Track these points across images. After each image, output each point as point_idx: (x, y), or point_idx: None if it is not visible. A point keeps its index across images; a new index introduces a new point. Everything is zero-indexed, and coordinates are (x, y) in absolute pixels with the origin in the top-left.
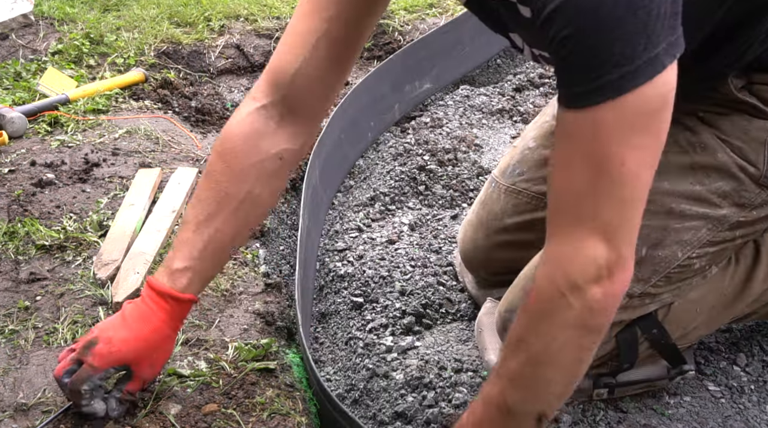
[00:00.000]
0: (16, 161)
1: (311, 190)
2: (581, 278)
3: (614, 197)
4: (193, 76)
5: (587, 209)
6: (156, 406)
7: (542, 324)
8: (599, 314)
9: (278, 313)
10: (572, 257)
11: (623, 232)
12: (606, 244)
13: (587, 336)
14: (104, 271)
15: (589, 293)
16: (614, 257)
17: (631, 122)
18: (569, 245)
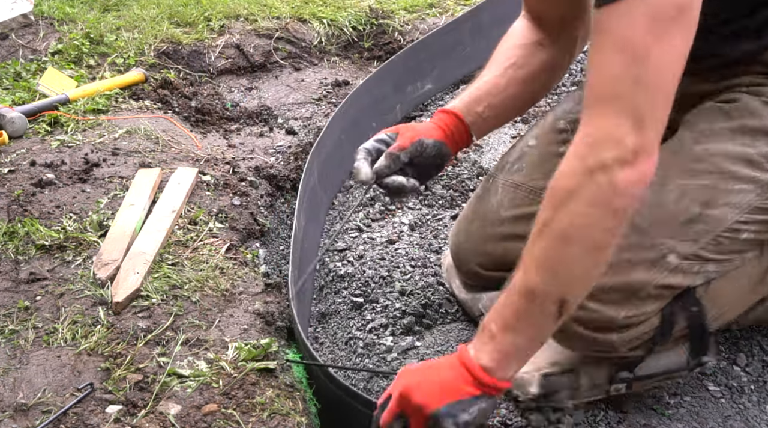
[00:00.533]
0: (16, 161)
1: (309, 191)
2: (609, 157)
3: (642, 82)
4: (193, 76)
5: (618, 91)
6: (156, 406)
7: (569, 202)
8: (623, 195)
9: (278, 313)
10: (602, 137)
11: (650, 118)
12: (634, 128)
13: (610, 218)
14: (104, 271)
15: (615, 173)
16: (640, 142)
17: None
18: (600, 127)
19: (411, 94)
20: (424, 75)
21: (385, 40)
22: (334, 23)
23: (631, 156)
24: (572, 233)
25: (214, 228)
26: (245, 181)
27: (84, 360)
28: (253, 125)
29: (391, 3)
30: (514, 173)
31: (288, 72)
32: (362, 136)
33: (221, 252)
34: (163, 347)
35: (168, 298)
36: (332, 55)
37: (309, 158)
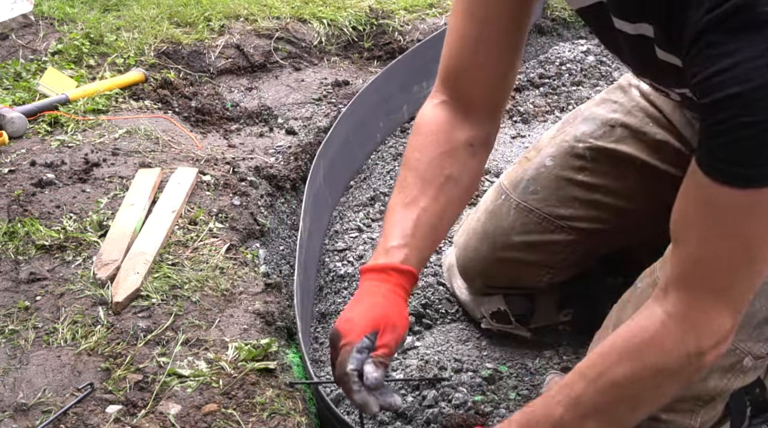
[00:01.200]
0: (16, 161)
1: (315, 191)
2: (707, 345)
3: (752, 276)
4: (193, 76)
5: (726, 282)
6: (156, 406)
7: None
8: (700, 370)
9: (278, 313)
10: (705, 324)
11: (745, 305)
12: (732, 316)
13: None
14: (104, 271)
15: (707, 357)
16: (732, 328)
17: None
18: (704, 312)
19: (417, 94)
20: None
21: (385, 40)
22: (334, 23)
23: (723, 340)
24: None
25: (214, 228)
26: (245, 181)
27: (84, 360)
28: (253, 125)
29: (391, 3)
30: (529, 195)
31: (288, 72)
32: (369, 136)
33: (221, 252)
34: (163, 347)
35: (168, 298)
36: (332, 55)
37: (316, 158)
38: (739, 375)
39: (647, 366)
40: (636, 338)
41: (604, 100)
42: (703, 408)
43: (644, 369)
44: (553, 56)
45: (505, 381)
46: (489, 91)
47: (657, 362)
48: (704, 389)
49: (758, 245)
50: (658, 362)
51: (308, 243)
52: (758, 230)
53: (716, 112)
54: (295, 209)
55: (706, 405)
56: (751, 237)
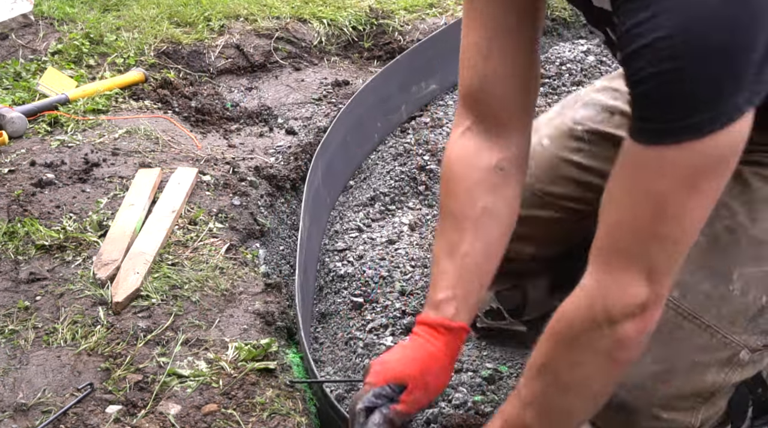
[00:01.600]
0: (16, 161)
1: (313, 191)
2: (619, 313)
3: (668, 240)
4: (193, 76)
5: (640, 248)
6: (156, 406)
7: (573, 351)
8: (627, 348)
9: (278, 313)
10: (615, 291)
11: (668, 273)
12: (649, 284)
13: (613, 369)
14: (104, 271)
15: (623, 327)
16: (653, 297)
17: (701, 166)
18: (614, 280)
19: (416, 95)
20: (429, 75)
21: (385, 40)
22: (334, 23)
23: (640, 310)
24: (574, 384)
25: (214, 228)
26: (245, 181)
27: (84, 360)
28: (253, 125)
29: (391, 3)
30: None
31: (288, 72)
32: (367, 136)
33: (221, 252)
34: (163, 347)
35: (168, 298)
36: (332, 55)
37: (314, 158)
38: (736, 369)
39: (561, 340)
40: (554, 317)
41: (605, 88)
42: (703, 405)
43: (558, 345)
44: (553, 56)
45: (505, 381)
46: (512, 104)
47: (567, 335)
48: (702, 384)
49: (670, 205)
50: (568, 334)
51: (308, 243)
52: (670, 189)
53: (629, 64)
54: (295, 209)
55: (706, 402)
56: (662, 198)
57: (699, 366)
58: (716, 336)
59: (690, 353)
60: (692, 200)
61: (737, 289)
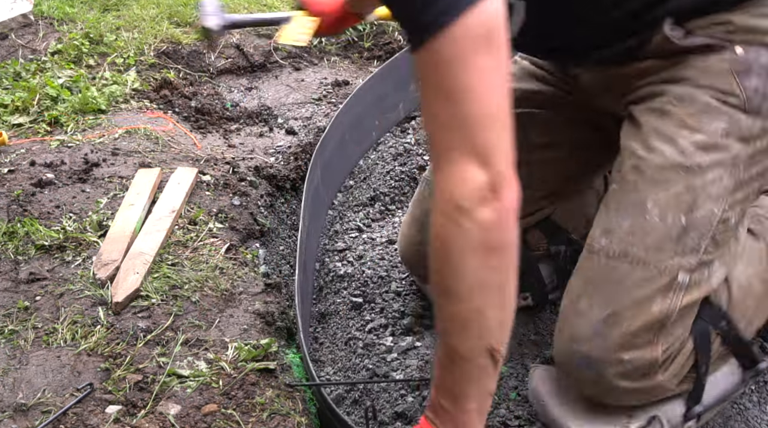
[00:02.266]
0: (15, 161)
1: (312, 191)
2: (466, 201)
3: (473, 120)
4: (193, 76)
5: (454, 136)
6: (156, 406)
7: (448, 257)
8: (496, 230)
9: (278, 313)
10: (453, 183)
11: (495, 151)
12: (481, 165)
13: (492, 255)
14: (104, 271)
15: (478, 213)
16: (493, 176)
17: (464, 49)
18: (448, 173)
19: (414, 93)
20: None
21: (385, 40)
22: None
23: (489, 192)
24: (465, 286)
25: (214, 228)
26: (245, 181)
27: (84, 360)
28: (253, 125)
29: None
30: None
31: (288, 72)
32: (365, 134)
33: (221, 252)
34: (163, 347)
35: (168, 298)
36: (332, 55)
37: (313, 158)
38: (679, 293)
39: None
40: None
41: None
42: (658, 336)
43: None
44: None
45: (505, 381)
46: None
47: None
48: (651, 315)
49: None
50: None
51: (308, 243)
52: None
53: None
54: (295, 209)
55: (659, 332)
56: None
57: (642, 299)
58: (648, 266)
59: (630, 290)
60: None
61: (655, 216)
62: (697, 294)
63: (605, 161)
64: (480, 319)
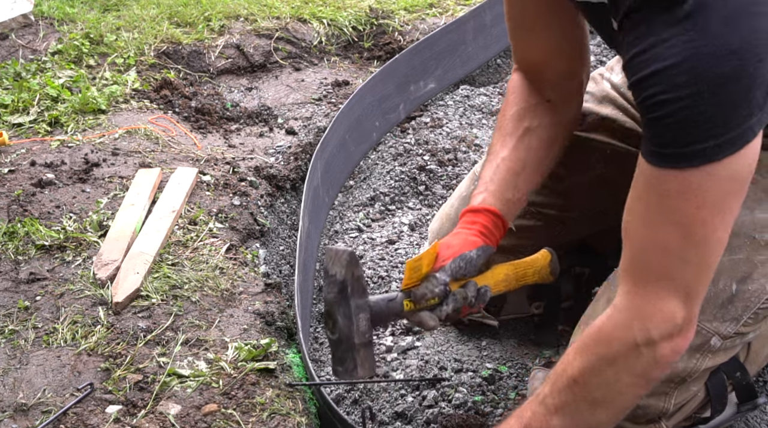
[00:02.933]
0: (16, 161)
1: (312, 191)
2: (657, 334)
3: (699, 261)
4: (193, 76)
5: (672, 269)
6: (156, 406)
7: (609, 369)
8: (663, 368)
9: (278, 313)
10: (652, 312)
11: (699, 293)
12: (684, 304)
13: (646, 386)
14: (104, 271)
15: (661, 348)
16: (688, 317)
17: (723, 189)
18: (649, 301)
19: (414, 93)
20: (427, 74)
21: (385, 40)
22: (334, 23)
23: (677, 330)
24: (606, 399)
25: (214, 228)
26: (245, 181)
27: (84, 360)
28: (253, 125)
29: (391, 3)
30: None
31: (288, 72)
32: (365, 135)
33: (221, 252)
34: (163, 347)
35: (168, 298)
36: (332, 55)
37: (313, 157)
38: (707, 356)
39: (597, 358)
40: (589, 334)
41: None
42: (675, 390)
43: (594, 362)
44: None
45: (505, 381)
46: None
47: (605, 354)
48: (673, 370)
49: (698, 227)
50: (606, 354)
51: (308, 243)
52: (695, 212)
53: (641, 91)
54: (295, 209)
55: (678, 387)
56: (689, 220)
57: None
58: None
59: None
60: (717, 221)
61: None
62: (722, 359)
63: None
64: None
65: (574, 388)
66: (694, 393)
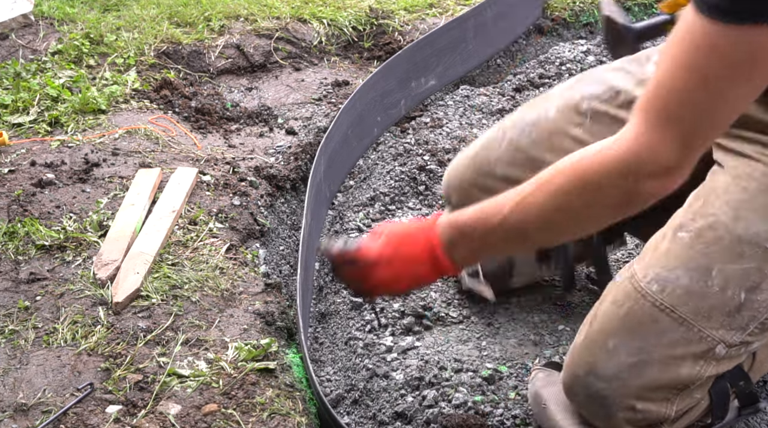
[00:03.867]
0: (16, 161)
1: (315, 187)
2: (646, 169)
3: (710, 115)
4: (193, 76)
5: (683, 114)
6: (156, 406)
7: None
8: (641, 200)
9: (278, 313)
10: (649, 147)
11: (698, 145)
12: (681, 150)
13: (620, 209)
14: (104, 271)
15: (645, 184)
16: (681, 163)
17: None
18: (651, 137)
19: (415, 90)
20: (428, 71)
21: (385, 40)
22: (334, 23)
23: (664, 172)
24: (585, 215)
25: (214, 228)
26: (245, 181)
27: (84, 360)
28: (253, 125)
29: (391, 3)
30: (525, 136)
31: (288, 72)
32: (367, 130)
33: (221, 252)
34: (163, 347)
35: (168, 298)
36: (332, 55)
37: (317, 155)
38: (711, 363)
39: (587, 177)
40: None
41: (619, 68)
42: (677, 397)
43: (584, 180)
44: (553, 56)
45: (505, 381)
46: None
47: (593, 176)
48: (677, 376)
49: (716, 82)
50: (594, 177)
51: (309, 241)
52: (718, 68)
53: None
54: (295, 209)
55: (680, 393)
56: (710, 73)
57: (674, 359)
58: (692, 329)
59: (665, 346)
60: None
61: (716, 285)
62: (726, 367)
63: None
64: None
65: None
66: (697, 401)
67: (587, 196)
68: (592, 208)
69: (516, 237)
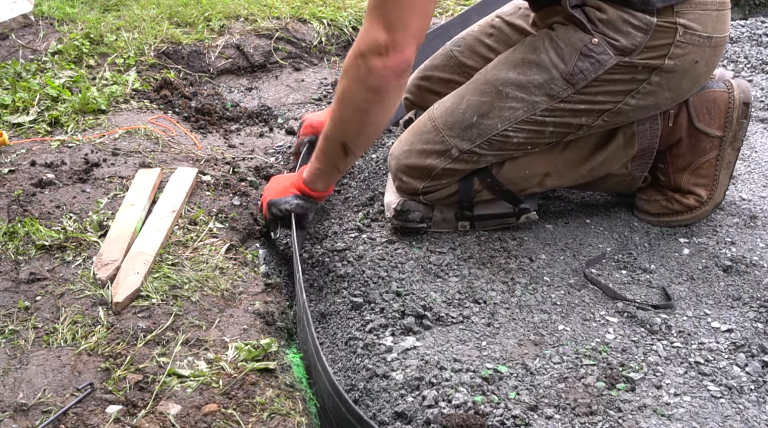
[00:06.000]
0: (16, 161)
1: None
2: (366, 50)
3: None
4: (193, 76)
5: (380, 7)
6: (156, 406)
7: (344, 77)
8: (377, 78)
9: (278, 313)
10: (364, 35)
11: (400, 26)
12: (386, 32)
13: (368, 92)
14: (104, 271)
15: (370, 60)
16: (390, 41)
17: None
18: (365, 28)
19: None
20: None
21: None
22: (334, 23)
23: (383, 50)
24: (344, 98)
25: (214, 228)
26: (245, 181)
27: (84, 360)
28: (253, 125)
29: None
30: (455, 46)
31: (288, 72)
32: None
33: (221, 252)
34: (163, 347)
35: (168, 298)
36: (332, 55)
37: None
38: (447, 160)
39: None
40: None
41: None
42: (423, 178)
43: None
44: None
45: (505, 381)
46: None
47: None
48: (424, 163)
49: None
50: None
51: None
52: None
53: None
54: None
55: (425, 176)
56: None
57: (426, 152)
58: (440, 134)
59: (423, 142)
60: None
61: (461, 108)
62: (461, 166)
63: None
64: (346, 123)
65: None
66: (443, 186)
67: (343, 84)
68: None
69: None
